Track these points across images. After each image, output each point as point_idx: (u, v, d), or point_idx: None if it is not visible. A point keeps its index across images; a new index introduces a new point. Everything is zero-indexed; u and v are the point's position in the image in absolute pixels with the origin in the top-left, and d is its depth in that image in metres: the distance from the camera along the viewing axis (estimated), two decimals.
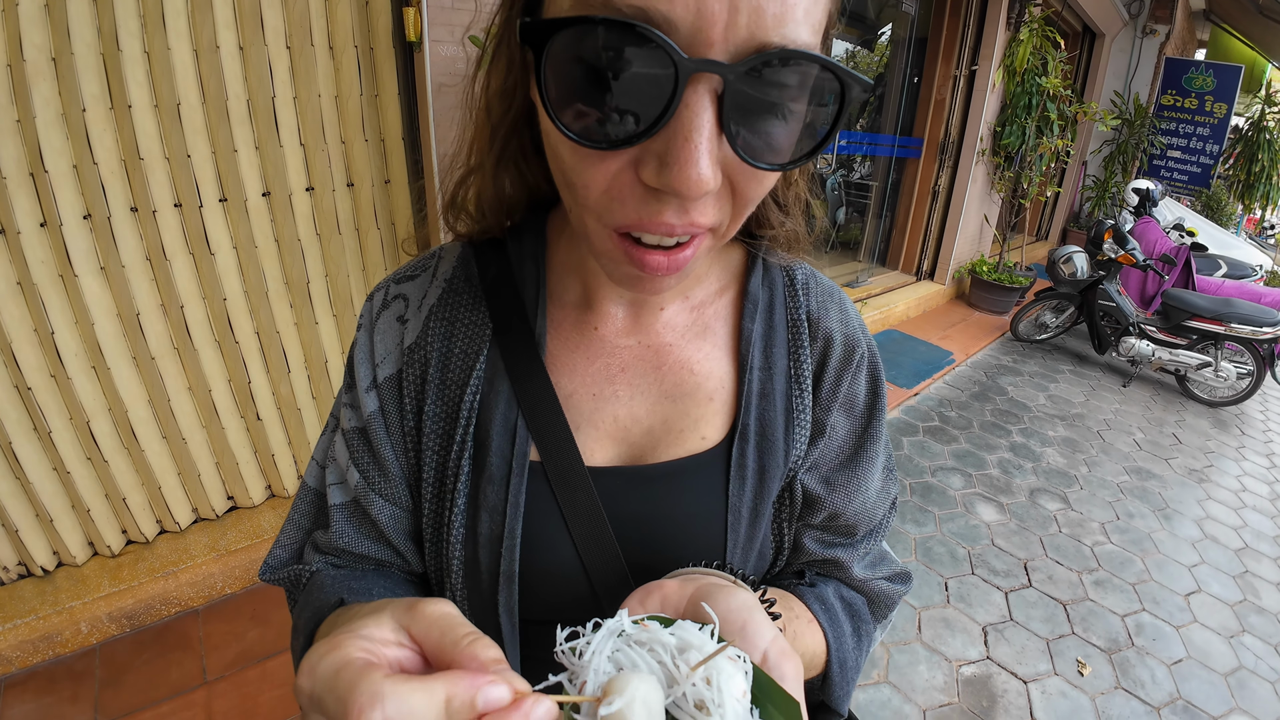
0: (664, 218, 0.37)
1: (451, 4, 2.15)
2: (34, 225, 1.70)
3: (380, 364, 0.54)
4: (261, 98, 1.95)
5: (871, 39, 6.16)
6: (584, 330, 0.54)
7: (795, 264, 0.60)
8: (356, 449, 0.55)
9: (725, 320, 0.57)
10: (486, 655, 0.29)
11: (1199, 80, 8.07)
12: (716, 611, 0.35)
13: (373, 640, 0.30)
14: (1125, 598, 2.62)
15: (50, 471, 1.90)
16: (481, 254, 0.56)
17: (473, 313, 0.54)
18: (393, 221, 2.38)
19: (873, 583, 0.62)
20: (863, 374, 0.59)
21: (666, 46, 0.31)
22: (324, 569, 0.57)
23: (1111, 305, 4.80)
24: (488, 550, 0.51)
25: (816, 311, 0.58)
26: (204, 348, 2.07)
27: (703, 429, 0.54)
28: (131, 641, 1.97)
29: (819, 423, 0.57)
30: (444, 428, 0.53)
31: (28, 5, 1.57)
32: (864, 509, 0.59)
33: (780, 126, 0.35)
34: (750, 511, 0.54)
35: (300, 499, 0.61)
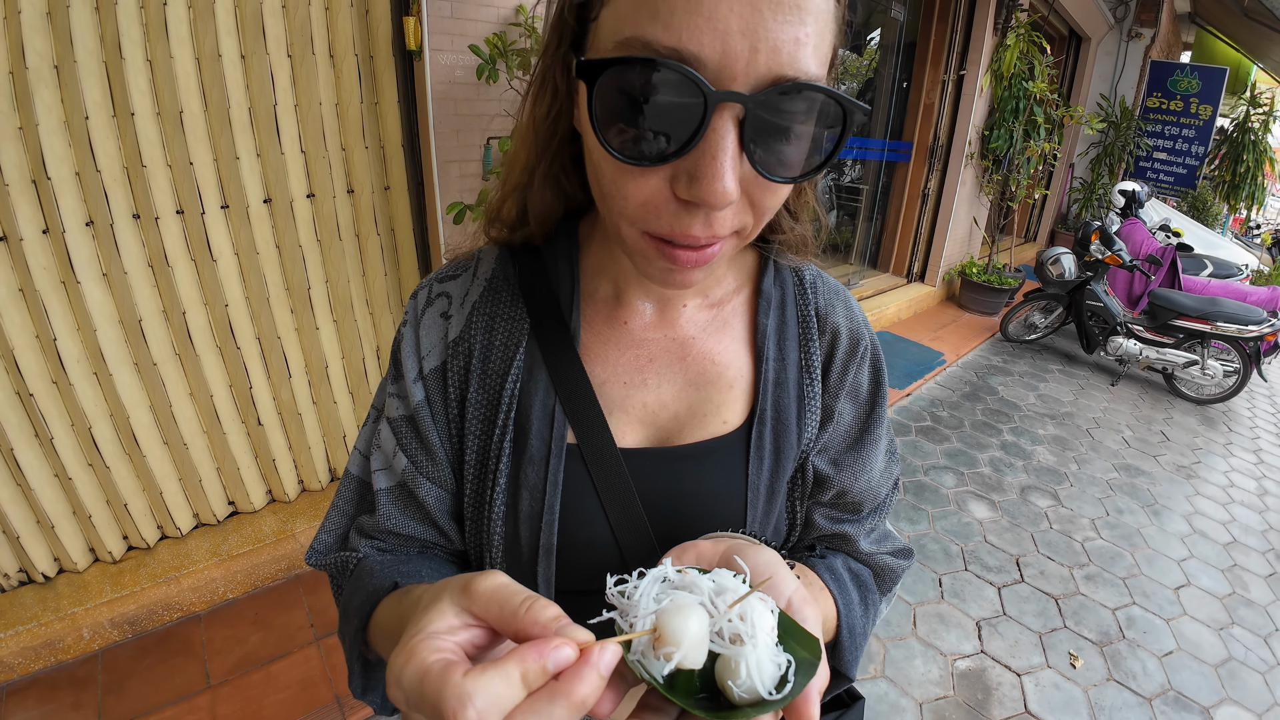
0: (693, 230, 0.42)
1: (451, 13, 2.18)
2: (36, 232, 1.72)
3: (426, 356, 0.59)
4: (263, 105, 1.97)
5: (861, 44, 6.23)
6: (614, 325, 0.59)
7: (804, 265, 0.65)
8: (404, 435, 0.59)
9: (742, 316, 0.62)
10: (546, 616, 0.32)
11: (1184, 83, 8.19)
12: (747, 564, 0.40)
13: (439, 634, 0.33)
14: (1116, 592, 2.67)
15: (51, 478, 1.91)
16: (518, 256, 0.61)
17: (512, 309, 0.59)
18: (392, 227, 2.41)
19: (877, 556, 0.67)
20: (866, 365, 0.64)
21: (697, 80, 0.36)
22: (370, 554, 0.60)
23: (1099, 305, 4.87)
24: (528, 526, 0.55)
25: (824, 308, 0.63)
26: (205, 353, 2.08)
27: (724, 414, 0.59)
28: (134, 647, 1.98)
29: (828, 409, 0.62)
30: (486, 414, 0.57)
31: (30, 12, 1.58)
32: (868, 488, 0.64)
33: (792, 146, 0.41)
34: (767, 489, 0.59)
35: (344, 486, 0.64)
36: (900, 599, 2.50)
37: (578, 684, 0.30)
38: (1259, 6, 6.37)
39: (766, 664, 0.34)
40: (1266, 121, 8.30)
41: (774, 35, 0.37)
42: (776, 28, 0.37)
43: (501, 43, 2.12)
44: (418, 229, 2.43)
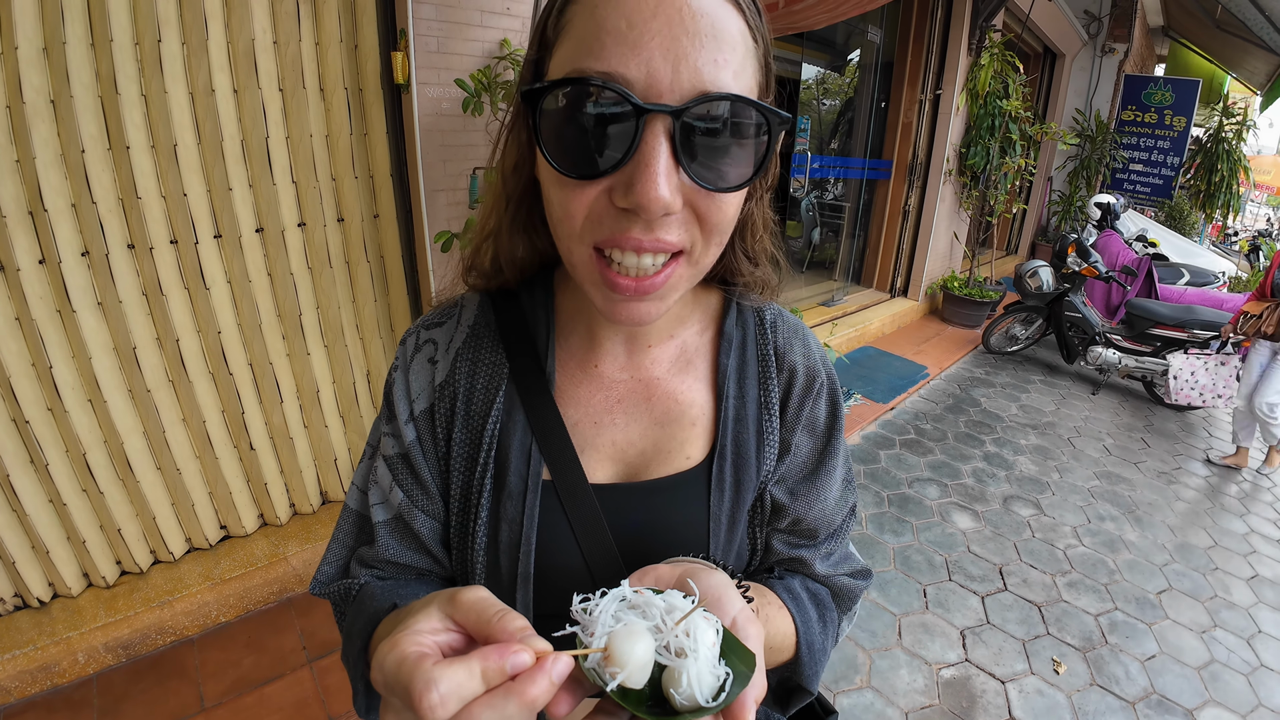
0: (632, 234, 0.46)
1: (437, 48, 2.25)
2: (33, 262, 1.76)
3: (416, 400, 0.63)
4: (255, 138, 2.03)
5: (841, 64, 6.37)
6: (586, 368, 0.64)
7: (766, 305, 0.70)
8: (399, 472, 0.63)
9: (705, 356, 0.66)
10: (514, 626, 0.37)
11: (1158, 95, 8.39)
12: (698, 586, 0.44)
13: (423, 632, 0.37)
14: (1098, 598, 2.72)
15: (46, 503, 1.94)
16: (498, 303, 0.66)
17: (492, 354, 0.63)
18: (382, 255, 2.46)
19: (835, 578, 0.71)
20: (823, 399, 0.68)
21: (625, 95, 0.42)
22: (370, 581, 0.65)
23: (1078, 316, 4.97)
24: (507, 555, 0.60)
25: (783, 347, 0.68)
26: (198, 380, 2.12)
27: (688, 450, 0.63)
28: (128, 671, 1.99)
29: (785, 443, 0.66)
30: (469, 452, 0.62)
31: (26, 48, 1.63)
32: (823, 515, 0.67)
33: (724, 157, 0.46)
34: (729, 519, 0.63)
35: (343, 520, 0.69)
36: (885, 609, 2.54)
37: (530, 686, 0.34)
38: (1230, 18, 6.56)
39: (706, 675, 0.38)
40: (1240, 131, 8.52)
41: (693, 57, 0.43)
42: (695, 51, 0.43)
43: (486, 76, 2.19)
44: (406, 256, 2.49)
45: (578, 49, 0.44)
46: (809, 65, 5.91)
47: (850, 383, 4.62)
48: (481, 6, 2.34)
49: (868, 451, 3.83)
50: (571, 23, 0.46)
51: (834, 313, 5.60)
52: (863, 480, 3.51)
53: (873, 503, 3.29)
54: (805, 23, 1.72)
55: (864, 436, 4.03)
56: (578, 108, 0.44)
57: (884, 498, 3.34)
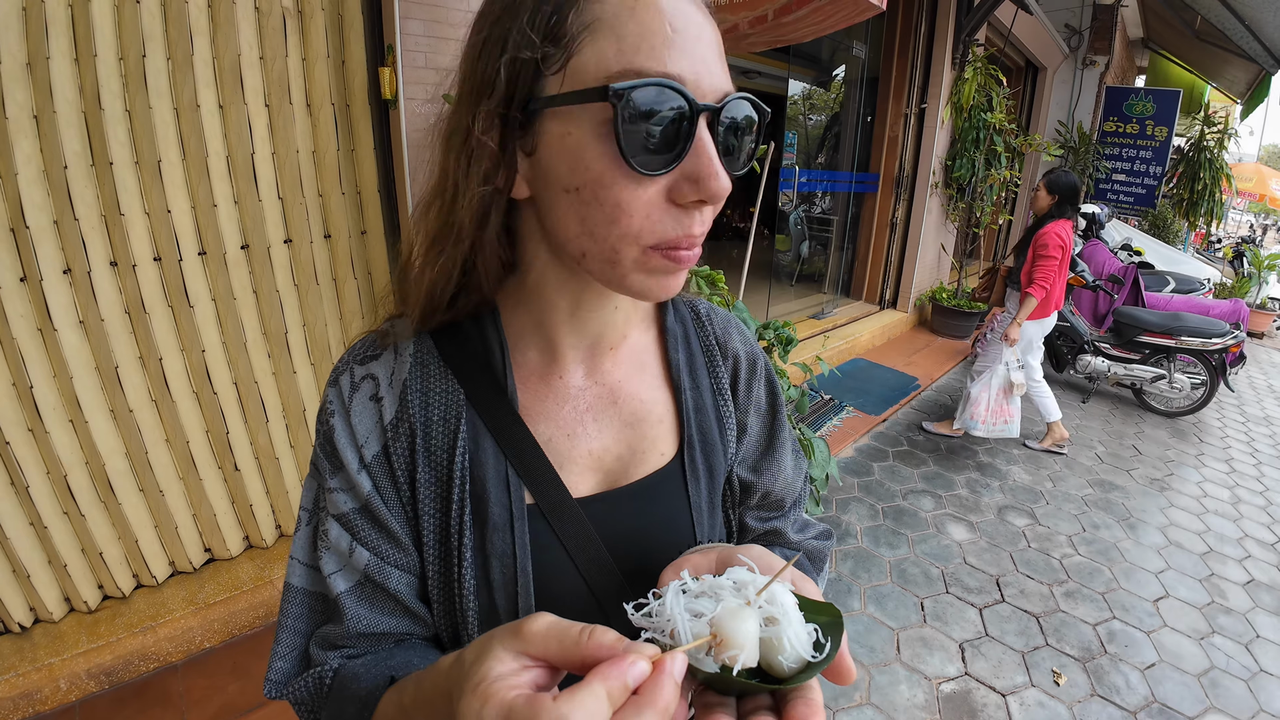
0: (694, 230, 0.49)
1: (425, 64, 2.25)
2: (14, 280, 1.73)
3: (364, 445, 0.56)
4: (241, 154, 2.01)
5: (826, 79, 6.45)
6: (549, 381, 0.60)
7: (695, 299, 0.74)
8: (359, 528, 0.56)
9: (654, 355, 0.67)
10: (609, 639, 0.34)
11: (1139, 106, 8.52)
12: (747, 557, 0.46)
13: (506, 676, 0.34)
14: (1096, 607, 2.70)
15: (27, 527, 1.89)
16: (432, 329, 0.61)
17: (442, 382, 0.58)
18: (369, 271, 2.44)
19: (806, 542, 0.76)
20: (762, 380, 0.73)
21: (686, 95, 0.45)
22: (345, 664, 0.57)
23: (1066, 325, 5.00)
24: (503, 593, 0.56)
25: (723, 336, 0.71)
26: (182, 399, 2.08)
27: (660, 446, 0.64)
28: (111, 698, 1.94)
29: (741, 424, 0.70)
30: (439, 491, 0.57)
31: (9, 63, 1.62)
32: (786, 485, 0.73)
33: (738, 147, 0.51)
34: (708, 506, 0.65)
35: (288, 604, 0.60)
36: (882, 624, 2.51)
37: (659, 693, 0.32)
38: (1210, 28, 6.68)
39: (803, 634, 0.39)
40: (1221, 139, 8.65)
41: (713, 61, 0.48)
42: (713, 59, 0.48)
43: None
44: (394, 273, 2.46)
45: (622, 49, 0.45)
46: (795, 81, 5.98)
47: (842, 395, 4.62)
48: (469, 23, 2.33)
49: (860, 464, 3.82)
50: (601, 20, 0.45)
51: (824, 325, 5.62)
52: (856, 493, 3.49)
53: (868, 515, 3.27)
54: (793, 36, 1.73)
55: (856, 449, 4.02)
56: (647, 107, 0.45)
57: (879, 510, 3.33)
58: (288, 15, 2.02)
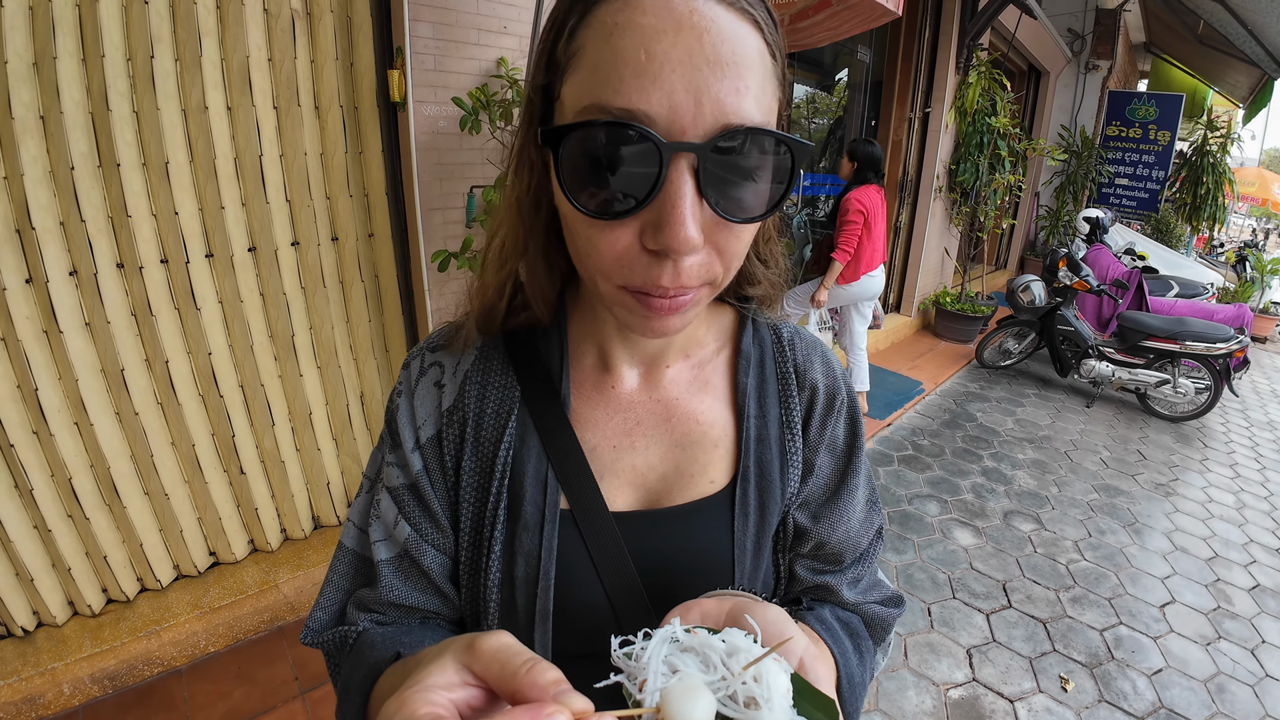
0: (661, 281, 0.44)
1: (434, 66, 2.25)
2: (19, 282, 1.72)
3: (421, 426, 0.59)
4: (249, 155, 2.01)
5: (830, 83, 6.45)
6: (603, 390, 0.61)
7: (781, 323, 0.67)
8: (406, 504, 0.59)
9: (723, 375, 0.63)
10: (545, 679, 0.31)
11: (1142, 110, 8.50)
12: (756, 622, 0.40)
13: (437, 689, 0.32)
14: (1102, 612, 2.69)
15: (31, 530, 1.88)
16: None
17: (503, 376, 0.60)
18: (376, 274, 2.43)
19: (864, 606, 0.67)
20: (843, 417, 0.66)
21: (648, 134, 0.40)
22: (370, 628, 0.59)
23: (1070, 330, 4.99)
24: (523, 592, 0.56)
25: (803, 364, 0.65)
26: (188, 402, 2.07)
27: (711, 473, 0.60)
28: (115, 703, 1.93)
29: (808, 463, 0.63)
30: (480, 481, 0.58)
31: (16, 63, 1.61)
32: (847, 538, 0.65)
33: (747, 188, 0.43)
34: (754, 545, 0.60)
35: (338, 560, 0.63)
36: None
37: None
38: (1213, 33, 6.67)
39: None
40: (1224, 144, 8.64)
41: (715, 89, 0.40)
42: (716, 82, 0.40)
43: (484, 95, 2.18)
44: (401, 276, 2.46)
45: (593, 80, 0.42)
46: (799, 85, 5.98)
47: None
48: (479, 25, 2.34)
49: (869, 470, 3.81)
50: (584, 48, 0.43)
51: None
52: None
53: None
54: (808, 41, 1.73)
55: (866, 459, 4.01)
56: (599, 147, 0.41)
57: (884, 515, 3.31)
58: (296, 17, 2.02)
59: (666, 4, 0.40)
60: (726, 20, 0.41)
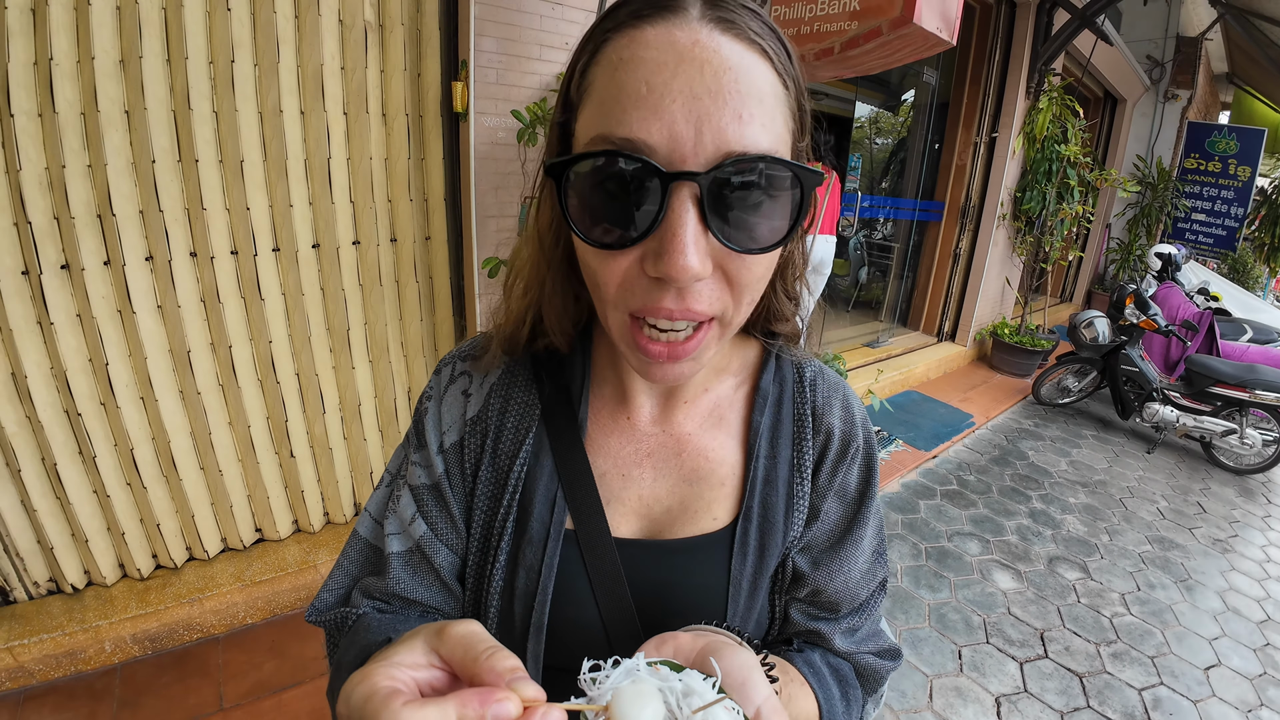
0: (664, 304, 0.45)
1: (496, 79, 2.32)
2: (98, 263, 1.84)
3: (446, 432, 0.62)
4: (318, 158, 2.11)
5: (895, 104, 6.34)
6: (618, 419, 0.63)
7: (806, 361, 0.67)
8: (426, 503, 0.62)
9: (739, 412, 0.64)
10: (503, 665, 0.33)
11: (1222, 144, 8.14)
12: (721, 666, 0.40)
13: (402, 666, 0.34)
14: (1143, 671, 2.57)
15: (90, 494, 2.00)
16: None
17: (526, 394, 0.62)
18: (430, 276, 2.52)
19: (858, 655, 0.66)
20: (856, 465, 0.65)
21: (648, 164, 0.41)
22: (370, 613, 0.61)
23: (1134, 370, 4.78)
24: (522, 603, 0.58)
25: (822, 407, 0.65)
26: (247, 386, 2.18)
27: (715, 510, 0.61)
28: (152, 664, 2.03)
29: (814, 508, 0.63)
30: (493, 491, 0.61)
31: (103, 59, 1.72)
32: (845, 588, 0.64)
33: (755, 217, 0.44)
34: (750, 585, 0.60)
35: (350, 547, 0.66)
36: (917, 669, 2.44)
37: None
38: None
39: None
40: None
41: (716, 117, 0.41)
42: (717, 111, 0.41)
43: (541, 109, 2.24)
44: (454, 278, 2.54)
45: (599, 114, 0.43)
46: (862, 104, 5.90)
47: (892, 428, 4.52)
48: (540, 41, 2.40)
49: (907, 500, 3.73)
50: (593, 85, 0.45)
51: (878, 354, 5.50)
52: (900, 530, 3.40)
53: (910, 555, 3.19)
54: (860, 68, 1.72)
55: (904, 484, 3.92)
56: (601, 177, 0.43)
57: (921, 550, 3.23)
58: (369, 29, 2.11)
59: (669, 38, 0.42)
60: (731, 51, 0.42)
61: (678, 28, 0.42)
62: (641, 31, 0.43)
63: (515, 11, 2.30)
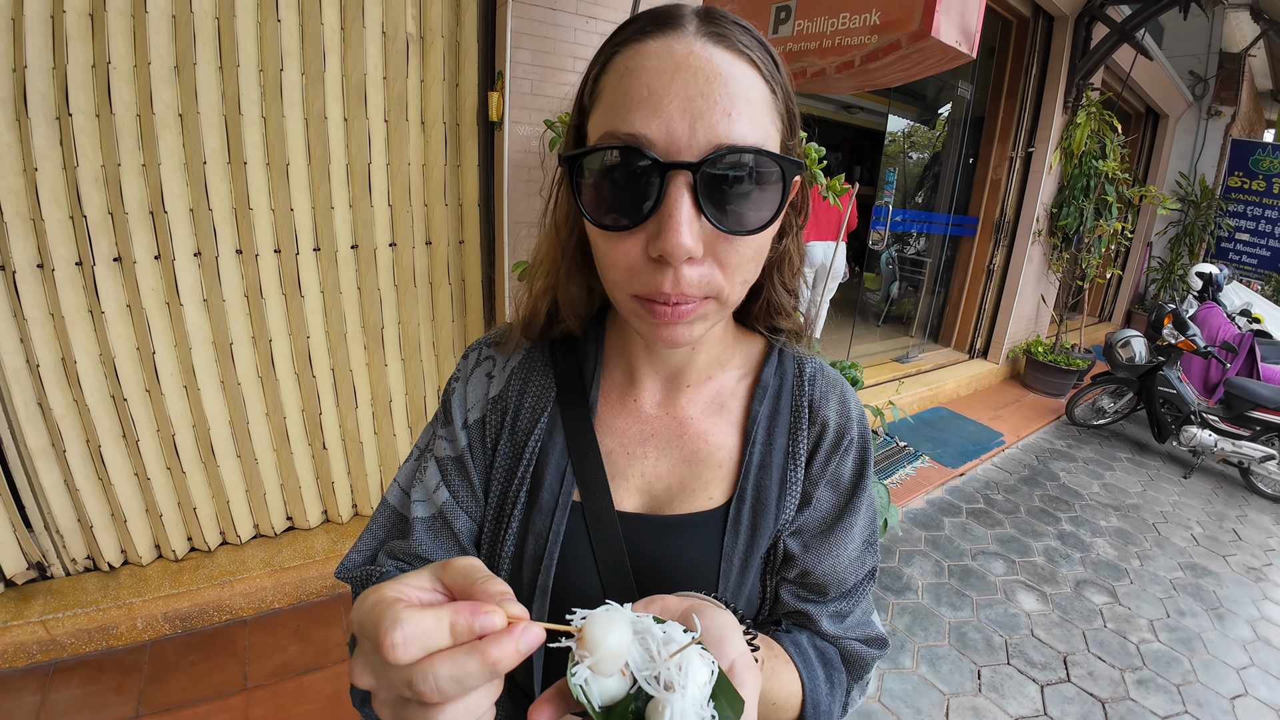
0: (663, 287, 0.50)
1: (531, 90, 2.38)
2: (149, 257, 1.93)
3: (470, 409, 0.69)
4: (359, 163, 2.19)
5: (929, 118, 6.29)
6: (626, 401, 0.68)
7: (807, 358, 0.71)
8: (450, 473, 0.68)
9: (740, 401, 0.68)
10: (495, 589, 0.36)
11: (1266, 162, 7.91)
12: (702, 623, 0.43)
13: (408, 586, 0.37)
14: (1168, 699, 2.51)
15: (131, 476, 2.10)
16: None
17: (543, 377, 0.69)
18: (463, 278, 2.59)
19: (843, 640, 0.69)
20: (850, 456, 0.68)
21: (649, 155, 0.47)
22: (393, 570, 0.67)
23: (1172, 392, 4.65)
24: (530, 567, 0.63)
25: (819, 401, 0.69)
26: (285, 379, 2.27)
27: (711, 490, 0.65)
28: (181, 642, 2.11)
29: (807, 495, 0.67)
30: (510, 464, 0.66)
31: (158, 65, 1.81)
32: (833, 572, 0.67)
33: (744, 204, 0.49)
34: (740, 562, 0.64)
35: (379, 513, 0.71)
36: (934, 687, 2.42)
37: (494, 648, 0.33)
38: None
39: (690, 714, 0.36)
40: None
41: (708, 114, 0.47)
42: (709, 109, 0.47)
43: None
44: (486, 281, 2.61)
45: (608, 115, 0.50)
46: (895, 117, 5.86)
47: (919, 443, 4.47)
48: (574, 54, 2.46)
49: (931, 517, 3.69)
50: (603, 91, 0.51)
51: (908, 369, 5.44)
52: (923, 547, 3.37)
53: (932, 572, 3.16)
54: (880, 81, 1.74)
55: (929, 501, 3.88)
56: (609, 167, 0.49)
57: (945, 568, 3.20)
58: (411, 40, 2.19)
59: (669, 49, 0.48)
60: (723, 60, 0.48)
61: (676, 41, 0.49)
62: (645, 45, 0.49)
63: (550, 25, 2.37)
